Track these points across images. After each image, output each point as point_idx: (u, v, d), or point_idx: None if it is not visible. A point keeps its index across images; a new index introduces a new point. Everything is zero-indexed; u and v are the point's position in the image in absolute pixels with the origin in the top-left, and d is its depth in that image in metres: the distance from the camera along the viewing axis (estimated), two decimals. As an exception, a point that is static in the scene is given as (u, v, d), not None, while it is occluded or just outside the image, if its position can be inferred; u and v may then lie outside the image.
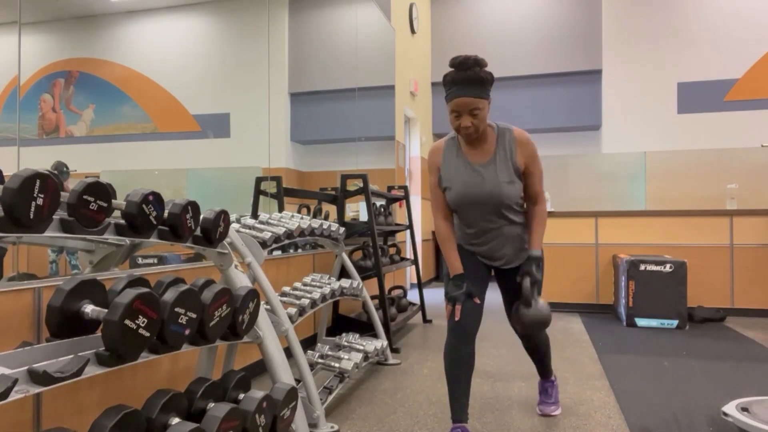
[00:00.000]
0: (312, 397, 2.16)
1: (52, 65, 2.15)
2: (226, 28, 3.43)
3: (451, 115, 1.91)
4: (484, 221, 2.05)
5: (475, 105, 1.85)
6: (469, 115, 1.87)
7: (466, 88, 1.84)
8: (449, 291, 2.01)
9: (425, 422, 2.27)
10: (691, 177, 6.80)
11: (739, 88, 6.87)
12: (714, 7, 6.95)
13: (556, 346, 3.63)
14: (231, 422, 1.45)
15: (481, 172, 1.98)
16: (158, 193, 1.48)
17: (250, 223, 2.42)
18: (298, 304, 2.35)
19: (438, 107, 7.93)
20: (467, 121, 1.87)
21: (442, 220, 2.08)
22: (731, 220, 4.79)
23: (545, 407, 2.37)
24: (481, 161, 1.99)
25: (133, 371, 1.99)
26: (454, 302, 1.98)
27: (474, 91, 1.84)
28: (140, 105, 2.62)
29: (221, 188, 3.35)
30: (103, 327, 1.24)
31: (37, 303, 1.64)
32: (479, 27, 7.72)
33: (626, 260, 4.37)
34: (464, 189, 1.99)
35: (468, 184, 1.99)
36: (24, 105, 1.97)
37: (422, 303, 4.63)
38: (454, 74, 1.87)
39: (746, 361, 3.21)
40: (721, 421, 2.20)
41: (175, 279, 1.69)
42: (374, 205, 3.90)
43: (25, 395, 1.07)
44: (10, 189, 1.12)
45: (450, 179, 2.02)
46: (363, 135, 5.12)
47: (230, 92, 3.42)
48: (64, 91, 2.20)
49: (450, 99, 1.88)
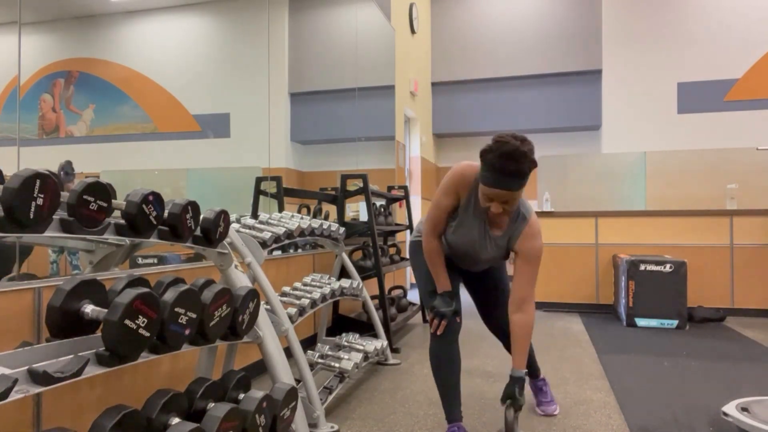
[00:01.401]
0: (312, 397, 2.16)
1: (52, 65, 2.15)
2: (226, 28, 3.43)
3: (482, 196, 1.80)
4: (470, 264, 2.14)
5: (512, 197, 1.75)
6: (502, 204, 1.77)
7: (508, 181, 1.70)
8: (437, 306, 1.98)
9: (425, 422, 2.27)
10: (691, 177, 6.80)
11: (739, 88, 6.87)
12: (714, 7, 6.95)
13: (556, 346, 3.63)
14: (231, 422, 1.45)
15: (489, 242, 1.96)
16: (158, 193, 1.48)
17: (250, 223, 2.42)
18: (298, 304, 2.35)
19: (438, 107, 7.93)
20: (498, 209, 1.78)
21: (435, 239, 2.03)
22: (731, 220, 4.79)
23: (546, 407, 2.37)
24: (497, 233, 1.96)
25: (133, 371, 1.99)
26: (442, 318, 1.97)
27: (514, 186, 1.72)
28: (140, 105, 2.62)
29: (221, 188, 3.35)
30: (103, 327, 1.24)
31: (37, 303, 1.64)
32: (479, 27, 7.72)
33: (626, 260, 4.37)
34: (468, 245, 1.99)
35: (474, 244, 1.98)
36: (24, 105, 1.97)
37: (422, 303, 4.62)
38: (498, 162, 1.69)
39: (746, 361, 3.21)
40: (721, 421, 2.20)
41: (175, 279, 1.69)
42: (374, 205, 3.90)
43: (25, 395, 1.07)
44: (10, 189, 1.12)
45: (462, 225, 1.97)
46: (363, 135, 5.12)
47: (230, 92, 3.42)
48: (64, 91, 2.20)
49: (486, 183, 1.75)
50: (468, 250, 2.02)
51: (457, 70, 7.82)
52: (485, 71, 7.70)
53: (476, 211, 1.93)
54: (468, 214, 1.95)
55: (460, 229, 1.98)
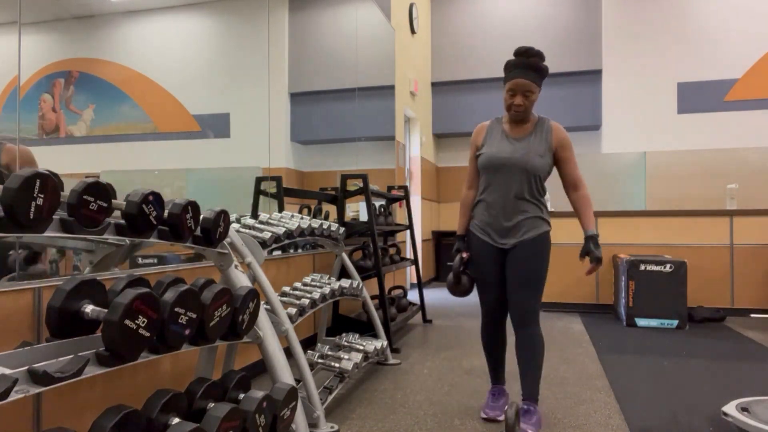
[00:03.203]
0: (312, 397, 2.16)
1: (52, 65, 2.14)
2: (226, 28, 3.43)
3: (506, 93, 2.18)
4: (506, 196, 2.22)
5: (530, 88, 2.13)
6: (523, 96, 2.14)
7: (526, 72, 2.12)
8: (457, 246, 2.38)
9: (425, 422, 2.27)
10: (691, 177, 6.80)
11: (739, 88, 6.87)
12: (714, 7, 6.94)
13: (556, 346, 3.63)
14: (231, 422, 1.45)
15: (515, 142, 2.23)
16: (158, 193, 1.47)
17: (250, 223, 2.42)
18: (298, 304, 2.35)
19: (438, 107, 7.93)
20: (519, 100, 2.15)
21: (468, 189, 2.38)
22: (731, 220, 4.79)
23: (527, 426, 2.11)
24: (517, 135, 2.25)
25: (133, 371, 1.99)
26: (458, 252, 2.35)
27: (531, 76, 2.12)
28: (140, 105, 2.61)
29: (221, 188, 3.35)
30: (103, 327, 1.24)
31: (37, 303, 1.64)
32: (479, 27, 7.72)
33: (626, 260, 4.37)
34: (497, 151, 2.22)
35: (501, 149, 2.23)
36: (24, 105, 1.97)
37: (422, 303, 4.63)
38: (517, 60, 2.14)
39: (746, 361, 3.21)
40: (721, 421, 2.20)
41: (175, 279, 1.69)
42: (374, 205, 3.90)
43: (25, 395, 1.07)
44: (10, 189, 1.12)
45: (485, 146, 2.28)
46: (363, 135, 5.12)
47: (230, 92, 3.42)
48: (64, 91, 2.20)
49: (509, 79, 2.15)
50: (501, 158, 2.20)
51: (457, 70, 7.82)
52: (485, 71, 7.69)
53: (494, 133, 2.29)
54: (487, 138, 2.30)
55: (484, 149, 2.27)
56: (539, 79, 2.15)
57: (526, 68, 2.13)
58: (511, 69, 2.16)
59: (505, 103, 2.20)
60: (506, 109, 2.22)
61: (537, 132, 2.23)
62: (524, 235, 2.20)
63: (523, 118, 2.23)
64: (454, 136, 8.18)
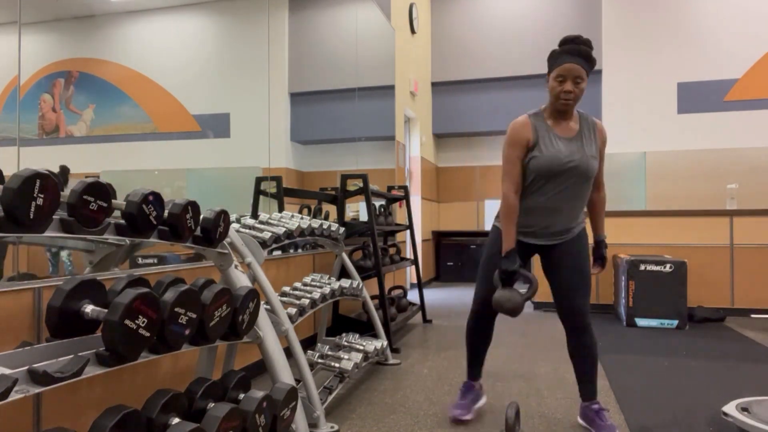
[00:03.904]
0: (312, 397, 2.16)
1: (52, 65, 2.14)
2: (226, 28, 3.43)
3: (555, 81, 2.04)
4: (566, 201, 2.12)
5: (580, 74, 2.00)
6: (573, 82, 2.01)
7: (577, 58, 2.00)
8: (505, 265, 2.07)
9: (425, 422, 2.27)
10: (691, 177, 6.80)
11: (739, 88, 6.87)
12: (714, 7, 6.94)
13: (556, 346, 3.63)
14: (231, 422, 1.45)
15: (570, 144, 2.09)
16: (158, 193, 1.47)
17: (250, 223, 2.42)
18: (298, 304, 2.35)
19: (438, 107, 7.93)
20: (570, 86, 2.01)
21: (514, 193, 2.12)
22: (731, 220, 4.79)
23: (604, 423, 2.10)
24: (568, 135, 2.11)
25: (133, 371, 1.99)
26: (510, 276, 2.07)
27: (582, 62, 2.00)
28: (140, 105, 2.62)
29: (221, 188, 3.35)
30: (103, 327, 1.24)
31: (37, 303, 1.64)
32: (479, 27, 7.72)
33: (626, 260, 4.37)
34: (555, 154, 2.06)
35: (560, 151, 2.07)
36: (24, 105, 1.97)
37: (422, 303, 4.63)
38: (562, 46, 2.03)
39: (746, 361, 3.21)
40: (721, 421, 2.20)
41: (175, 279, 1.69)
42: (374, 205, 3.90)
43: (25, 395, 1.07)
44: (10, 189, 1.12)
45: (540, 147, 2.09)
46: (363, 135, 5.12)
47: (230, 92, 3.42)
48: (64, 91, 2.20)
49: (558, 65, 2.02)
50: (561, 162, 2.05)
51: (457, 70, 7.82)
52: (485, 71, 7.69)
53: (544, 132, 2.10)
54: (543, 138, 2.10)
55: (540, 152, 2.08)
56: (589, 67, 2.02)
57: (576, 54, 1.99)
58: (559, 56, 2.03)
59: (552, 92, 2.05)
60: (553, 99, 2.06)
61: (585, 131, 2.12)
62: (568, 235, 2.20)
63: (569, 111, 2.09)
64: (454, 136, 8.17)
